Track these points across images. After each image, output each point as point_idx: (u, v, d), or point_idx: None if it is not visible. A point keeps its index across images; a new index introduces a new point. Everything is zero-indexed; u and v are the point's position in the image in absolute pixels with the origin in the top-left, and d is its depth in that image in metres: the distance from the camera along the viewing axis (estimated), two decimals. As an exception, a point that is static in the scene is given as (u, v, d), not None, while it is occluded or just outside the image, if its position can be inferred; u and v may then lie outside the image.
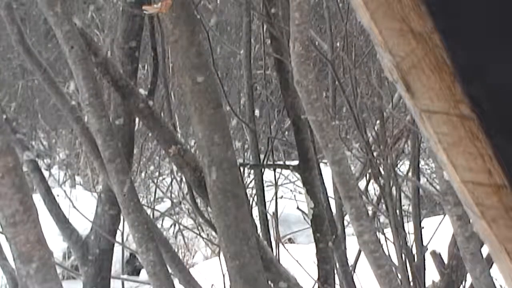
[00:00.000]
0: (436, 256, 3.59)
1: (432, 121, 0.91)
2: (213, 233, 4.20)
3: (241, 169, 3.85)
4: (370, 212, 4.17)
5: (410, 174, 3.88)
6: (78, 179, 10.33)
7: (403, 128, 3.85)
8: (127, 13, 3.27)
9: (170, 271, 2.81)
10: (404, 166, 4.54)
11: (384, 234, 3.80)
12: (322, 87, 5.21)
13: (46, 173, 6.41)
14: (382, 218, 4.88)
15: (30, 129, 11.41)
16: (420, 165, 4.01)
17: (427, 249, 3.67)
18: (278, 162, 5.88)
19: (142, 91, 3.02)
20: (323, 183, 3.75)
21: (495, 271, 2.09)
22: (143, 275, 7.07)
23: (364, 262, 2.60)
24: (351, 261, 4.03)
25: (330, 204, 3.86)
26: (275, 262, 3.02)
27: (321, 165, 3.96)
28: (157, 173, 8.65)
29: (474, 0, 0.88)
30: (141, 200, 3.03)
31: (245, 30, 3.94)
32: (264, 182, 4.04)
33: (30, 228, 2.30)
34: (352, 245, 3.78)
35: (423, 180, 5.59)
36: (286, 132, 5.72)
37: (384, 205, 3.85)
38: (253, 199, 4.10)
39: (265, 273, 2.76)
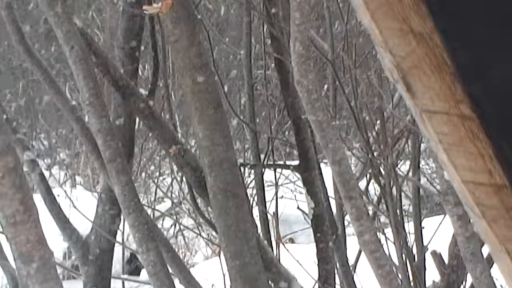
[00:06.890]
0: (436, 256, 3.59)
1: (432, 121, 0.91)
2: (214, 233, 4.21)
3: (242, 169, 3.84)
4: (370, 212, 4.17)
5: (410, 174, 3.88)
6: (78, 179, 10.33)
7: (403, 128, 3.84)
8: (127, 13, 3.27)
9: (170, 271, 2.81)
10: (404, 166, 4.52)
11: (384, 234, 3.80)
12: (322, 87, 5.21)
13: (46, 173, 6.40)
14: (382, 218, 4.87)
15: (30, 129, 11.40)
16: (420, 165, 4.00)
17: (427, 249, 3.66)
18: (279, 162, 5.87)
19: (142, 91, 3.02)
20: (323, 183, 3.74)
21: (495, 271, 2.09)
22: (144, 275, 7.06)
23: (365, 262, 2.60)
24: (351, 261, 4.02)
25: (331, 204, 3.86)
26: (276, 262, 3.02)
27: (322, 165, 3.96)
28: (157, 173, 8.65)
29: (474, 0, 0.88)
30: (141, 200, 3.03)
31: (245, 30, 3.93)
32: (264, 182, 4.03)
33: (31, 228, 2.30)
34: (352, 245, 3.78)
35: (423, 180, 5.58)
36: (287, 132, 5.71)
37: (384, 205, 3.85)
38: (253, 199, 4.10)
39: (266, 273, 2.76)
